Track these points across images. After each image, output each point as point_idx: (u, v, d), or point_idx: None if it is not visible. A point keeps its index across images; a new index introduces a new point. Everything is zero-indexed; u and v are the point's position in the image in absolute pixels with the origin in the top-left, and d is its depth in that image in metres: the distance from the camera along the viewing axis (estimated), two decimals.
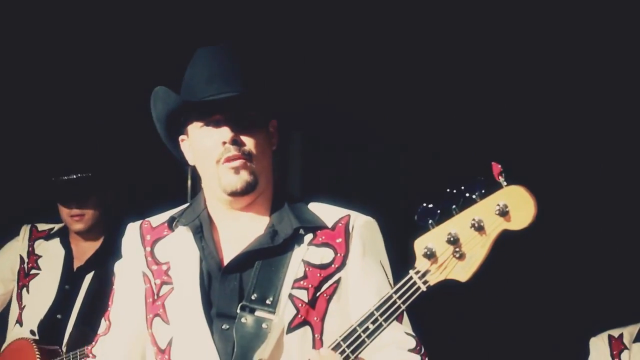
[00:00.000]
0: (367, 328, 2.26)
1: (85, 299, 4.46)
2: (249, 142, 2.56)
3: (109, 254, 4.35)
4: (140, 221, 2.74)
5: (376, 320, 2.26)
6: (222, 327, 2.52)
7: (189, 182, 5.42)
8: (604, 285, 5.22)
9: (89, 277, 4.51)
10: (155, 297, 2.62)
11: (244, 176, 2.55)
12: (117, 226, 4.52)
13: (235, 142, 2.54)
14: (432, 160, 5.39)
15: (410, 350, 2.55)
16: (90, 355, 2.73)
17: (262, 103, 2.62)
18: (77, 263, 4.56)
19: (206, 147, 2.58)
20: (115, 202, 4.59)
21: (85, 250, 4.58)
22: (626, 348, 4.62)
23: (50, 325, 4.41)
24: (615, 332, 4.66)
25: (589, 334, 4.70)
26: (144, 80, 2.89)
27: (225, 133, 2.55)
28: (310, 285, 2.53)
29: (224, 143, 2.55)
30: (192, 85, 2.59)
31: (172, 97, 2.60)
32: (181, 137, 2.68)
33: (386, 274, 2.61)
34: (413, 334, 2.58)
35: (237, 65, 2.60)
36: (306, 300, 2.52)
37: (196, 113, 2.59)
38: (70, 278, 4.53)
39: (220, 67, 2.58)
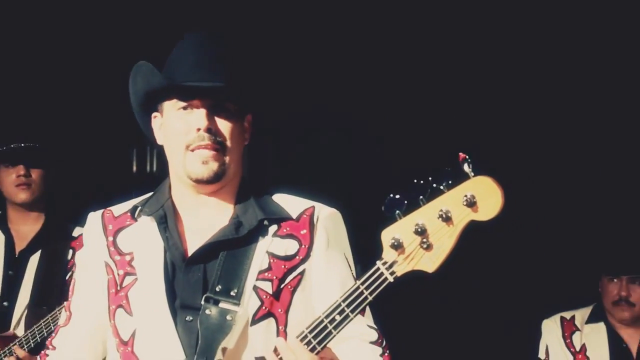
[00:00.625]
0: (334, 319, 2.26)
1: (35, 281, 4.40)
2: (223, 132, 2.54)
3: (51, 234, 4.36)
4: (102, 210, 2.71)
5: (343, 311, 2.25)
6: (186, 318, 2.49)
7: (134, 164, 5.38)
8: (556, 269, 5.28)
9: (34, 260, 4.45)
10: (119, 287, 2.59)
11: (212, 166, 2.53)
12: (58, 207, 4.50)
13: (210, 130, 2.52)
14: (377, 145, 5.42)
15: (372, 343, 2.56)
16: (50, 346, 2.69)
17: (243, 97, 2.59)
18: (19, 247, 4.50)
19: (179, 130, 2.55)
20: (58, 179, 4.55)
21: (26, 233, 4.51)
22: (578, 329, 4.69)
23: None
24: (567, 314, 4.74)
25: (541, 316, 4.76)
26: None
27: (201, 120, 2.52)
28: (274, 277, 2.52)
29: (198, 130, 2.52)
30: (178, 66, 2.56)
31: (156, 76, 2.55)
32: (154, 114, 2.64)
33: (350, 266, 2.61)
34: (375, 326, 2.58)
35: (224, 56, 2.58)
36: (270, 292, 2.51)
37: (176, 94, 2.55)
38: (12, 263, 4.46)
39: (208, 54, 2.55)
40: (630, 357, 4.66)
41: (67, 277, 4.29)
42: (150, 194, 2.70)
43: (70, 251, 4.34)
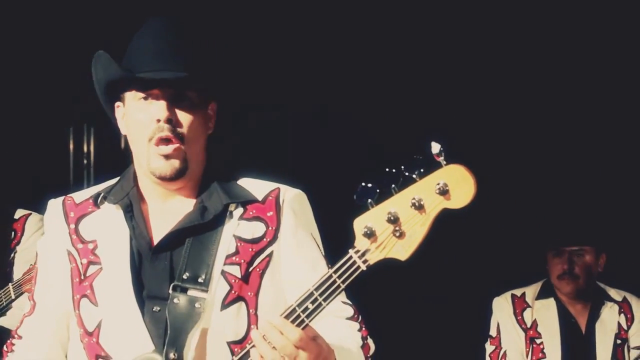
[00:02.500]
0: (307, 308, 2.25)
1: None
2: (184, 123, 2.50)
3: None
4: (63, 197, 2.66)
5: (315, 300, 2.24)
6: (154, 309, 2.47)
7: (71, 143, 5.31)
8: (505, 247, 5.34)
9: None
10: (82, 277, 2.55)
11: (174, 163, 2.50)
12: None
13: (170, 121, 2.48)
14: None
15: (349, 319, 2.55)
16: (16, 336, 2.65)
17: (205, 84, 2.56)
18: None
19: (140, 121, 2.51)
20: None
21: None
22: (529, 306, 4.77)
23: None
24: (517, 292, 4.82)
25: (492, 294, 4.82)
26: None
27: (161, 110, 2.48)
28: (242, 261, 2.50)
29: (158, 121, 2.48)
30: (137, 55, 2.51)
31: (113, 67, 2.51)
32: (117, 104, 2.60)
33: (318, 246, 2.60)
34: (350, 302, 2.58)
35: (185, 43, 2.54)
36: (239, 276, 2.49)
37: (135, 85, 2.51)
38: None
39: (168, 41, 2.51)
40: (579, 332, 4.75)
41: (10, 258, 4.23)
42: (114, 181, 2.66)
43: (12, 233, 4.28)
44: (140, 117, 2.51)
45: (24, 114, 5.00)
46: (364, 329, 2.55)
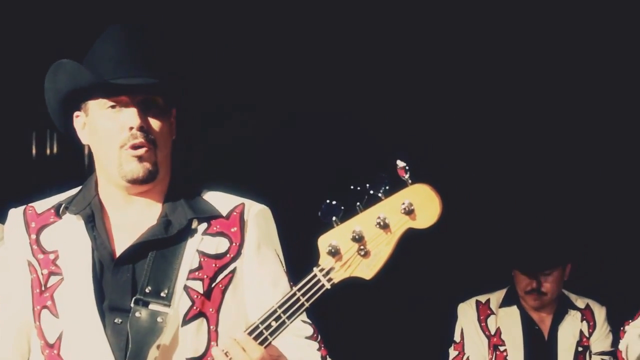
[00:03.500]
0: (270, 325, 2.24)
1: None
2: (155, 129, 2.48)
3: None
4: (24, 207, 2.62)
5: (279, 317, 2.23)
6: (115, 321, 2.44)
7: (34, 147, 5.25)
8: (472, 254, 5.35)
9: None
10: (43, 288, 2.52)
11: (147, 165, 2.47)
12: None
13: (142, 128, 2.46)
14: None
15: (308, 338, 2.55)
16: None
17: (171, 90, 2.54)
18: None
19: (109, 130, 2.48)
20: None
21: None
22: (493, 313, 4.79)
23: None
24: (482, 298, 4.83)
25: (457, 300, 4.83)
26: None
27: (133, 118, 2.45)
28: (205, 276, 2.48)
29: (131, 128, 2.45)
30: (100, 63, 2.48)
31: (85, 74, 2.46)
32: (76, 114, 2.56)
33: (281, 263, 2.59)
34: (309, 321, 2.57)
35: (150, 49, 2.51)
36: (201, 292, 2.47)
37: (103, 93, 2.48)
38: None
39: (133, 47, 2.49)
40: (542, 339, 4.77)
41: None
42: (76, 190, 2.62)
43: None
44: (108, 125, 2.48)
45: None
46: (323, 348, 2.56)
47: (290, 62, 5.32)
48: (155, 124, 2.49)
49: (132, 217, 2.55)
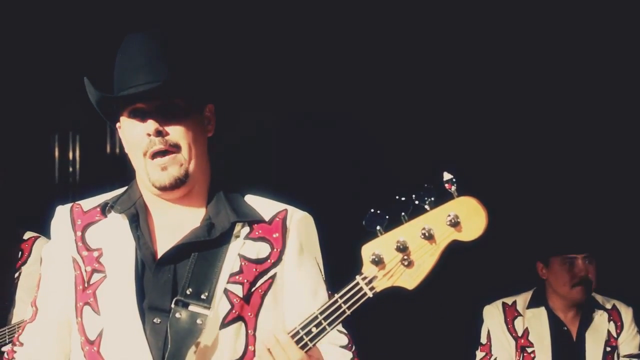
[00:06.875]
0: (310, 331, 2.25)
1: None
2: (175, 132, 2.49)
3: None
4: (71, 204, 2.65)
5: (320, 323, 2.24)
6: (154, 320, 2.47)
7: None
8: (498, 256, 5.33)
9: None
10: (86, 284, 2.54)
11: (173, 172, 2.49)
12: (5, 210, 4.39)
13: (160, 133, 2.48)
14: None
15: (343, 347, 2.56)
16: (17, 343, 2.63)
17: (191, 88, 2.54)
18: None
19: (133, 138, 2.52)
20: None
21: None
22: (520, 315, 4.77)
23: None
24: (508, 300, 4.81)
25: (483, 302, 4.82)
26: None
27: (149, 124, 2.48)
28: (245, 280, 2.50)
29: (149, 135, 2.48)
30: (120, 73, 2.52)
31: (92, 91, 2.53)
32: (117, 125, 2.61)
33: (320, 271, 2.61)
34: (345, 331, 2.58)
35: (164, 52, 2.52)
36: (241, 296, 2.49)
37: (120, 103, 2.52)
38: None
39: (146, 55, 2.50)
40: (570, 340, 4.76)
41: (14, 277, 4.19)
42: (122, 190, 2.65)
43: (19, 252, 4.24)
44: (133, 134, 2.52)
45: (8, 121, 4.95)
46: (356, 357, 2.57)
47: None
48: (175, 126, 2.49)
49: (175, 219, 2.57)
